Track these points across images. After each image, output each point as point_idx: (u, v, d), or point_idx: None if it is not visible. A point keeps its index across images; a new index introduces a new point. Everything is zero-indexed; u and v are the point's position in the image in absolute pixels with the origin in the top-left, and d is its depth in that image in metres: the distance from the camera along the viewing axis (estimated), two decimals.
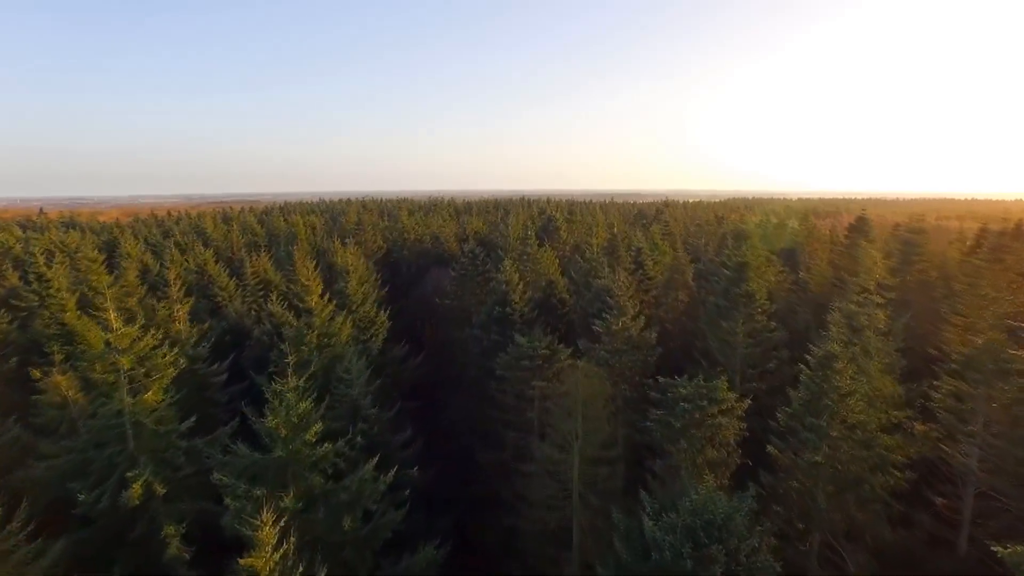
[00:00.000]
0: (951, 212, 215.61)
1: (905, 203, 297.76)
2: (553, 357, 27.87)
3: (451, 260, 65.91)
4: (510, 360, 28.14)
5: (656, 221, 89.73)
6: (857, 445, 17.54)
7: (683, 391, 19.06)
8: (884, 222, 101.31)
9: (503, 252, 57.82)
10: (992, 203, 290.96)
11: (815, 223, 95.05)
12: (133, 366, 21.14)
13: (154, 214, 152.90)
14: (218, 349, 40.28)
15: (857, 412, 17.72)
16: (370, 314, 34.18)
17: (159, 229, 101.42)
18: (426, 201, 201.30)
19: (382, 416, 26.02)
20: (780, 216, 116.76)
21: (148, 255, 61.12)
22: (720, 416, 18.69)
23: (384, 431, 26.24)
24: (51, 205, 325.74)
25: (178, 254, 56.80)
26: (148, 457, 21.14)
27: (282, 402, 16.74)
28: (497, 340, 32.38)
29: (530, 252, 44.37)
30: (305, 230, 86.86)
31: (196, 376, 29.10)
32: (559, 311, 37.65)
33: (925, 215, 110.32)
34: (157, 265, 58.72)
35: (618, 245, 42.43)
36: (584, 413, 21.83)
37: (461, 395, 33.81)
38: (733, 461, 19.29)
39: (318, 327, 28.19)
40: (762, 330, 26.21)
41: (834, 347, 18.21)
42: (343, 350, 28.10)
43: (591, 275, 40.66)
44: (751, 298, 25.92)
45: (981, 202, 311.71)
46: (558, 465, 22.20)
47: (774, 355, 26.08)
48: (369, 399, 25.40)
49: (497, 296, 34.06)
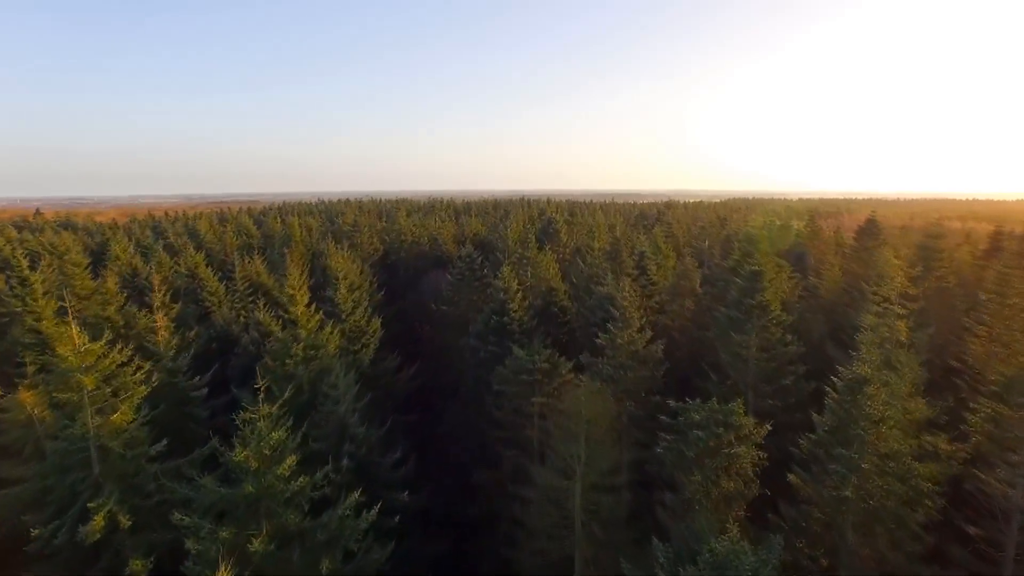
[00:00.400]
0: (952, 213, 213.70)
1: (905, 203, 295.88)
2: (554, 371, 26.20)
3: (449, 262, 64.26)
4: (508, 374, 26.47)
5: (658, 223, 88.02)
6: (891, 478, 15.86)
7: (696, 416, 17.37)
8: (888, 223, 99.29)
9: (502, 255, 56.20)
10: (993, 203, 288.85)
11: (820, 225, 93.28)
12: (98, 385, 19.45)
13: (151, 215, 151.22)
14: (204, 357, 38.57)
15: (891, 441, 16.02)
16: (361, 323, 32.48)
17: (153, 231, 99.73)
18: (426, 201, 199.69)
19: (371, 435, 24.34)
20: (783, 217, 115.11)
21: (137, 258, 59.41)
22: (737, 444, 17.00)
23: (373, 451, 24.58)
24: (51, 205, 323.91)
25: (167, 257, 55.05)
26: (114, 484, 19.49)
27: (253, 431, 15.06)
28: (494, 351, 30.72)
29: (529, 256, 42.69)
30: (300, 232, 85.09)
31: (175, 390, 27.41)
32: (560, 319, 35.97)
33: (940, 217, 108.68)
34: (147, 269, 57.03)
35: (621, 249, 40.72)
36: (588, 435, 20.14)
37: (457, 408, 32.14)
38: (751, 492, 17.61)
39: (304, 339, 26.51)
40: (777, 343, 24.51)
41: (864, 369, 16.54)
42: (331, 363, 26.40)
43: (593, 280, 39.02)
44: (765, 309, 24.22)
45: (982, 202, 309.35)
46: (559, 492, 20.52)
47: (790, 370, 24.38)
48: (357, 417, 23.73)
49: (495, 304, 32.39)
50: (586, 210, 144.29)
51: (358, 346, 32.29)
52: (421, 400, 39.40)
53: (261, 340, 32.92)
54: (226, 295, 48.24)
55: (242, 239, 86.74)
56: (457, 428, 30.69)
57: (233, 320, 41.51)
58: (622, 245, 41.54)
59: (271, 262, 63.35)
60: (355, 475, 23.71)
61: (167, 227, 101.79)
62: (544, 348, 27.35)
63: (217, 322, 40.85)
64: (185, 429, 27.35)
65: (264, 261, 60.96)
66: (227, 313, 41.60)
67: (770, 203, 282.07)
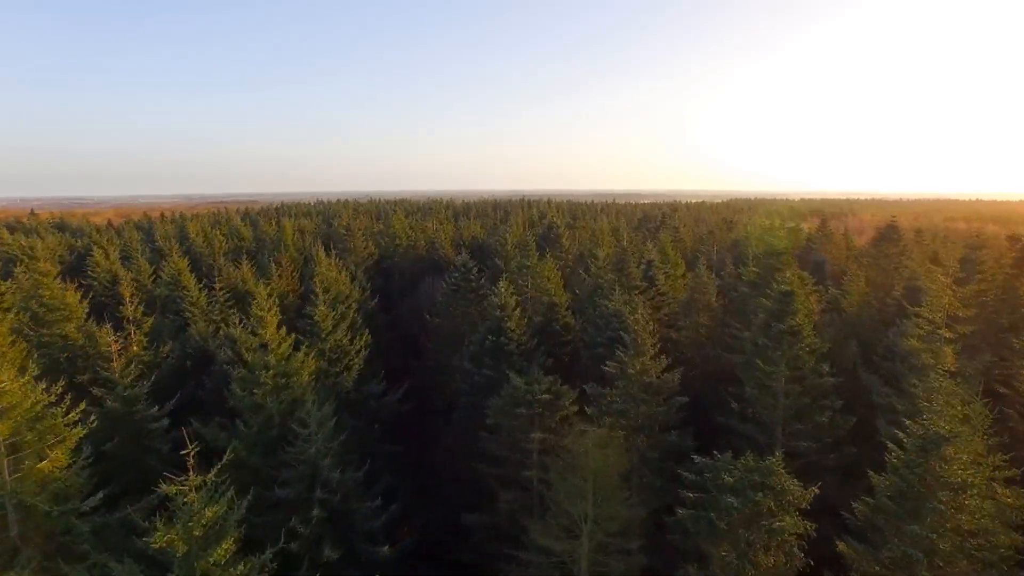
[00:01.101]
0: (956, 214, 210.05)
1: (908, 204, 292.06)
2: (556, 403, 23.17)
3: (447, 267, 61.34)
4: (504, 406, 23.44)
5: (663, 227, 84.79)
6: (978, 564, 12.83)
7: (728, 478, 14.33)
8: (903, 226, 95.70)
9: (500, 260, 53.19)
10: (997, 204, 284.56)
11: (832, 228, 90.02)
12: (15, 431, 16.46)
13: (147, 215, 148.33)
14: (180, 375, 35.64)
15: (978, 516, 12.97)
16: (343, 342, 29.44)
17: (143, 233, 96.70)
18: (425, 202, 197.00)
19: (348, 479, 21.32)
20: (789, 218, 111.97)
21: (117, 264, 56.39)
22: (778, 512, 13.97)
23: (351, 497, 21.57)
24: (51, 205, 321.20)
25: (146, 264, 51.95)
26: (35, 548, 16.52)
27: (182, 506, 12.06)
28: (490, 375, 27.69)
29: (529, 265, 39.68)
30: (293, 235, 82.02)
31: (131, 422, 24.39)
32: (562, 338, 32.90)
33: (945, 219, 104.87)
34: (126, 276, 54.01)
35: (628, 260, 37.66)
36: (595, 490, 17.16)
37: (449, 438, 29.10)
38: (793, 567, 14.59)
39: (274, 365, 23.52)
40: (810, 373, 21.45)
41: (940, 425, 13.50)
42: (304, 392, 23.41)
43: (598, 293, 36.01)
44: (797, 335, 21.17)
45: (985, 203, 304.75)
46: (563, 554, 17.52)
47: (825, 404, 21.32)
48: (330, 460, 20.69)
49: (491, 323, 29.34)
50: (588, 212, 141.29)
51: (340, 368, 29.25)
52: (415, 421, 36.34)
53: (236, 358, 29.93)
54: (208, 305, 45.19)
55: (232, 243, 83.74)
56: (448, 464, 27.67)
57: (210, 335, 38.47)
58: (629, 255, 38.45)
59: (260, 267, 60.33)
60: (328, 526, 20.77)
61: (157, 229, 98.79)
62: (545, 375, 24.34)
63: (193, 337, 37.82)
64: (144, 467, 24.35)
65: (253, 266, 57.89)
66: (202, 327, 38.53)
67: (772, 203, 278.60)
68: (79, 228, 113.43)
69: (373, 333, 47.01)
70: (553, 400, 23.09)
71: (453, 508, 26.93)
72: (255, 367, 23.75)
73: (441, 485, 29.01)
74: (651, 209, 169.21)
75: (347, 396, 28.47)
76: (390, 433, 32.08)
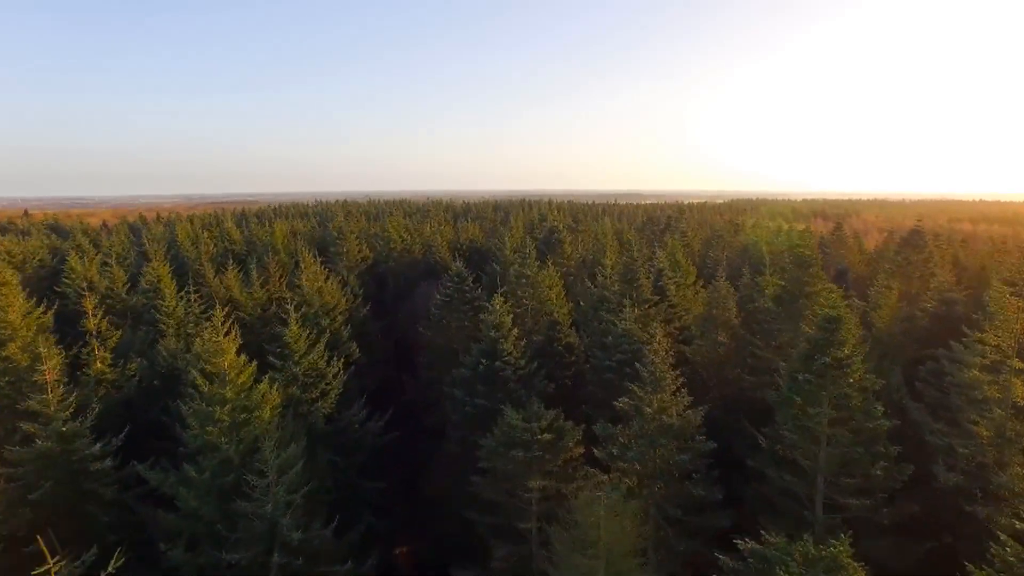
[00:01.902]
0: (961, 214, 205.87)
1: (911, 204, 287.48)
2: (558, 444, 19.91)
3: (443, 272, 58.24)
4: (497, 446, 20.16)
5: (669, 230, 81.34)
6: None
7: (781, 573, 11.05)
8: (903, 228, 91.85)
9: (497, 266, 49.96)
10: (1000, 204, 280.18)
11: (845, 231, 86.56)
12: None
13: (142, 216, 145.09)
14: (148, 394, 32.43)
15: None
16: (319, 365, 26.14)
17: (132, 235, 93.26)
18: (424, 203, 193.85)
19: (313, 538, 18.06)
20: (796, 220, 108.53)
21: (93, 270, 52.99)
22: None
23: (318, 558, 18.30)
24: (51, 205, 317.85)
25: (120, 272, 48.53)
26: None
27: None
28: (483, 404, 24.41)
29: (529, 275, 36.43)
30: (284, 238, 78.67)
31: (67, 463, 21.09)
32: (564, 359, 29.57)
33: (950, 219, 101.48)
34: (102, 283, 50.71)
35: (637, 270, 34.37)
36: (608, 566, 13.90)
37: (437, 474, 25.82)
38: None
39: (231, 399, 20.26)
40: (859, 415, 18.13)
41: None
42: (266, 429, 20.13)
43: (603, 307, 32.76)
44: (844, 369, 17.89)
45: (989, 203, 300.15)
46: None
47: (878, 452, 18.00)
48: (290, 519, 17.39)
49: (485, 344, 26.03)
50: (590, 214, 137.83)
51: (315, 394, 25.94)
52: (406, 442, 32.86)
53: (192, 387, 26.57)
54: (184, 316, 41.84)
55: (222, 246, 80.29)
56: (437, 503, 24.40)
57: (180, 351, 35.07)
58: (639, 265, 35.14)
59: (247, 273, 56.98)
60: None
61: (145, 231, 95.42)
62: (545, 406, 21.08)
63: (160, 353, 34.43)
64: (83, 517, 21.05)
65: (240, 272, 54.53)
66: (172, 343, 35.14)
67: (774, 204, 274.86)
68: (69, 229, 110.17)
69: (364, 342, 43.69)
70: (555, 440, 19.84)
71: (442, 555, 23.69)
72: (212, 399, 20.49)
73: (430, 522, 25.73)
74: (654, 210, 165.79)
75: (321, 430, 25.14)
76: (375, 460, 28.72)
